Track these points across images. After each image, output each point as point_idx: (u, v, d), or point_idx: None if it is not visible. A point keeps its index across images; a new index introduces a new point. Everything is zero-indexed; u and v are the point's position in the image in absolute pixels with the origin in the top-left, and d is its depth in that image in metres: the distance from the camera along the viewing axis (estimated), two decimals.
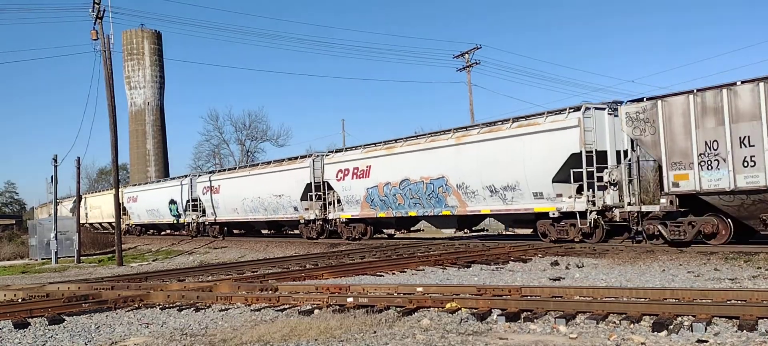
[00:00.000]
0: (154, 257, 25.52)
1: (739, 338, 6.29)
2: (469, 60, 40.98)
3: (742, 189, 13.74)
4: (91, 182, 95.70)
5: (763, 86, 13.31)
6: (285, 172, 28.52)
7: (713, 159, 14.18)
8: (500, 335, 6.93)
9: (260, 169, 31.04)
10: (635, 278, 11.02)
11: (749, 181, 13.62)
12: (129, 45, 78.75)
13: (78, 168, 26.43)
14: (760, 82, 13.40)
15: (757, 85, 13.48)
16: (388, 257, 16.49)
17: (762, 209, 13.80)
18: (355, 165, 24.72)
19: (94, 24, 23.64)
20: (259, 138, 69.12)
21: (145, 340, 7.68)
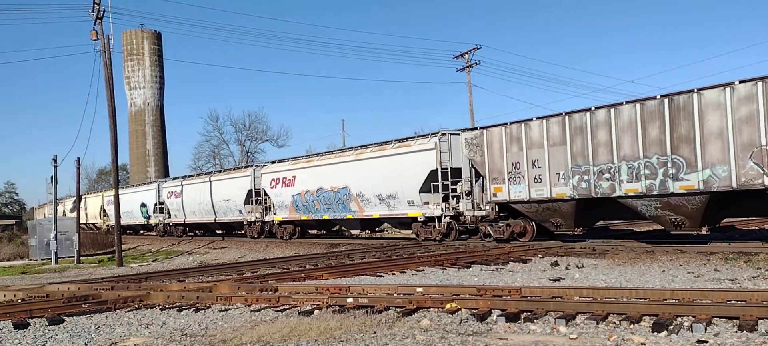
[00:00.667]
0: (153, 258, 25.52)
1: (739, 338, 6.29)
2: (468, 60, 41.00)
3: (534, 199, 18.35)
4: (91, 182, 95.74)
5: (545, 122, 17.97)
6: (232, 180, 33.06)
7: (517, 176, 18.79)
8: (500, 336, 6.92)
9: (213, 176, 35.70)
10: (635, 279, 11.02)
11: (538, 193, 18.19)
12: (129, 45, 78.74)
13: (78, 168, 26.44)
14: (544, 119, 18.08)
15: (542, 122, 18.11)
16: (388, 258, 16.49)
17: (549, 214, 18.33)
18: (284, 175, 28.85)
19: (94, 24, 23.65)
20: (259, 138, 69.16)
21: (145, 340, 7.67)
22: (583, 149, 17.04)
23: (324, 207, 26.42)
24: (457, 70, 41.76)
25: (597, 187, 16.71)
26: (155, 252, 29.18)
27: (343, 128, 68.51)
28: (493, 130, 19.54)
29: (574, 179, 17.24)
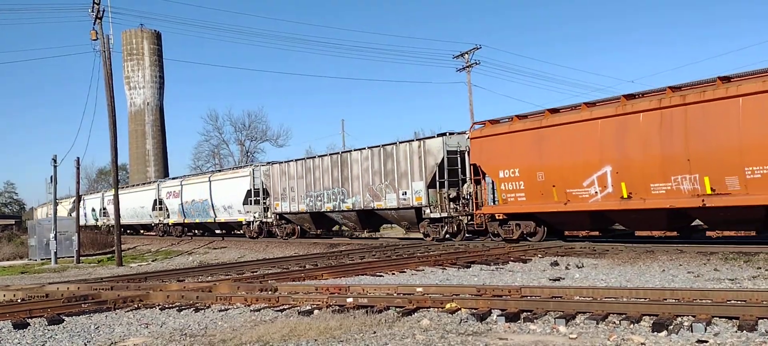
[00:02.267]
0: (153, 258, 25.51)
1: (739, 338, 6.28)
2: (468, 60, 40.98)
3: (293, 212, 28.93)
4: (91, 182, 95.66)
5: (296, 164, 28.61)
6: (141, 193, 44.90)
7: (285, 196, 29.33)
8: (500, 336, 6.92)
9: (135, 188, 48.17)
10: (635, 279, 11.01)
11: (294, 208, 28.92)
12: (128, 45, 78.74)
13: (77, 168, 26.42)
14: (295, 162, 28.79)
15: (295, 163, 28.86)
16: (387, 258, 16.48)
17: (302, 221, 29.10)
18: (174, 189, 39.43)
19: (93, 24, 23.65)
20: (259, 138, 69.18)
21: (145, 340, 7.67)
22: (311, 182, 27.37)
23: (197, 213, 36.87)
24: (457, 70, 41.76)
25: (317, 206, 27.04)
26: (155, 252, 29.17)
27: (342, 128, 68.53)
28: (274, 167, 30.10)
29: (308, 200, 27.59)
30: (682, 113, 14.71)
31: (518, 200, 18.39)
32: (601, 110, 16.53)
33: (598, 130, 16.38)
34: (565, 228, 18.54)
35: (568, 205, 17.08)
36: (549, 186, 17.51)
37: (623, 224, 17.51)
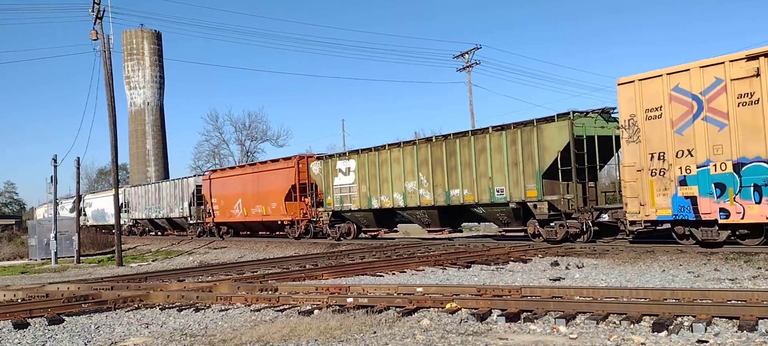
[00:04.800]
0: (153, 258, 25.51)
1: (739, 338, 6.28)
2: (468, 60, 40.99)
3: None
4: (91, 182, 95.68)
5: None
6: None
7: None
8: (500, 336, 6.92)
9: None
10: (635, 279, 11.02)
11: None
12: (129, 45, 78.76)
13: (78, 168, 26.42)
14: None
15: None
16: (388, 258, 16.48)
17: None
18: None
19: (93, 24, 23.65)
20: (259, 138, 69.24)
21: (145, 340, 7.67)
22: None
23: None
24: (457, 70, 41.76)
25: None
26: (155, 252, 29.18)
27: (343, 128, 68.75)
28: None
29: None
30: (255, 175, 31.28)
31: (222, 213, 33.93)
32: (242, 170, 33.60)
33: (241, 181, 32.33)
34: (240, 229, 34.36)
35: (230, 218, 33.14)
36: (230, 205, 33.14)
37: (247, 229, 33.74)
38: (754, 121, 13.22)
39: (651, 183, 14.96)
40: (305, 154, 29.45)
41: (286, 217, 28.70)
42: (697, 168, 14.17)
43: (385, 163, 23.51)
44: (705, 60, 14.12)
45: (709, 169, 14.00)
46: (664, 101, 14.70)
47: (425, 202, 21.87)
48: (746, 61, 13.32)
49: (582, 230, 17.54)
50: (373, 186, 23.93)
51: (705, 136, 14.05)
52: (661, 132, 14.78)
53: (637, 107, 15.17)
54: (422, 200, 21.96)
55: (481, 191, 19.88)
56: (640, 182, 15.14)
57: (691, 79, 14.26)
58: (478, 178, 19.91)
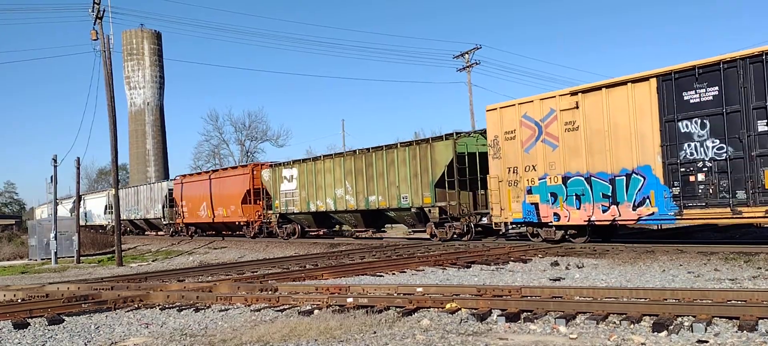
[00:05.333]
0: (153, 258, 25.51)
1: (739, 338, 6.28)
2: (469, 60, 40.98)
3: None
4: (91, 182, 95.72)
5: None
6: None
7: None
8: (500, 336, 6.92)
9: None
10: (635, 279, 11.01)
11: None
12: (129, 45, 78.74)
13: (78, 168, 26.41)
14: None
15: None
16: (388, 258, 16.48)
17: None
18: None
19: (93, 24, 23.65)
20: (259, 138, 69.21)
21: (145, 340, 7.67)
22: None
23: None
24: (458, 70, 41.76)
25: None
26: (155, 252, 29.17)
27: (343, 128, 68.73)
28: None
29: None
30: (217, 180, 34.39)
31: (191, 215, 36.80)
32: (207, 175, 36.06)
33: (206, 186, 35.12)
34: (206, 229, 36.83)
35: (197, 219, 36.11)
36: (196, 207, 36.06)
37: (212, 229, 36.21)
38: (575, 143, 16.51)
39: (508, 192, 18.25)
40: (259, 163, 33.91)
41: (243, 218, 31.87)
42: (538, 180, 17.44)
43: (320, 173, 26.66)
44: (543, 94, 17.46)
45: (547, 181, 17.25)
46: (516, 126, 17.93)
47: (350, 206, 25.10)
48: (570, 96, 16.61)
49: (465, 230, 20.97)
50: (311, 192, 27.09)
51: (543, 154, 17.25)
52: (514, 150, 18.00)
53: (499, 130, 18.35)
54: (348, 204, 25.19)
55: (391, 198, 23.14)
56: (501, 191, 18.41)
57: (534, 109, 17.45)
58: (389, 186, 23.20)
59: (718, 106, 13.98)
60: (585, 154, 16.33)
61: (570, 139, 16.59)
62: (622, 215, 15.77)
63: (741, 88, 13.65)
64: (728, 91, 13.83)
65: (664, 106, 14.78)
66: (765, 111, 13.30)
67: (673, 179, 14.74)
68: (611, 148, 15.85)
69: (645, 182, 15.24)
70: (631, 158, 15.47)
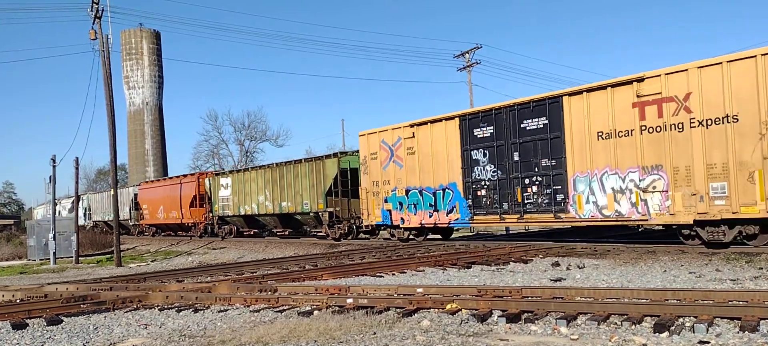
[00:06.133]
0: (152, 258, 25.46)
1: (740, 339, 6.25)
2: (469, 60, 40.95)
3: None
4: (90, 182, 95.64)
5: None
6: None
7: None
8: (501, 337, 6.88)
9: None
10: (637, 279, 10.98)
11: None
12: (127, 45, 78.64)
13: (76, 168, 26.36)
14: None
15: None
16: (387, 258, 16.44)
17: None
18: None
19: (92, 24, 23.60)
20: (259, 138, 69.15)
21: (144, 341, 7.63)
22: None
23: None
24: (458, 69, 41.72)
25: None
26: (154, 252, 29.13)
27: (342, 128, 68.87)
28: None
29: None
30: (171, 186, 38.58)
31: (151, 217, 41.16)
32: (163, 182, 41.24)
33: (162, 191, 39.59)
34: (164, 229, 40.59)
35: (156, 220, 40.27)
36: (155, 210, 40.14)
37: (168, 229, 40.06)
38: (414, 164, 21.25)
39: (373, 200, 23.04)
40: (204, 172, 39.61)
41: (191, 220, 36.55)
42: (391, 192, 22.17)
43: (247, 182, 31.49)
44: (394, 125, 21.97)
45: (396, 193, 21.99)
46: (378, 149, 22.68)
47: (269, 211, 29.83)
48: (410, 127, 21.32)
49: (348, 230, 25.72)
50: (241, 198, 31.98)
51: (394, 172, 22.05)
52: (376, 168, 22.74)
53: (367, 151, 23.18)
54: (267, 209, 29.93)
55: (297, 204, 27.88)
56: (368, 200, 23.20)
57: (388, 136, 22.19)
58: (295, 195, 27.93)
59: (492, 141, 18.74)
60: (419, 172, 21.01)
61: (410, 160, 21.32)
62: (440, 220, 20.53)
63: (505, 128, 18.35)
64: (498, 130, 18.58)
65: (464, 139, 19.57)
66: (517, 145, 18.09)
67: (468, 193, 19.54)
68: (434, 169, 20.52)
69: (453, 195, 20.02)
70: (446, 177, 20.19)
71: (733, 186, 13.77)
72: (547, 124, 17.28)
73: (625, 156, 15.62)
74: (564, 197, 16.98)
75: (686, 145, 14.48)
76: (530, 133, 17.71)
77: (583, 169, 16.51)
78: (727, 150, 13.84)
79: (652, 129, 15.07)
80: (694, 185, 14.37)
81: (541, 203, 17.56)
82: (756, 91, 13.42)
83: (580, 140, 16.52)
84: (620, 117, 15.64)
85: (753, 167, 13.51)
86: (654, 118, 15.01)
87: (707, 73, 14.13)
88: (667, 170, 14.82)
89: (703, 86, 14.17)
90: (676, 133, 14.66)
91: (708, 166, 14.15)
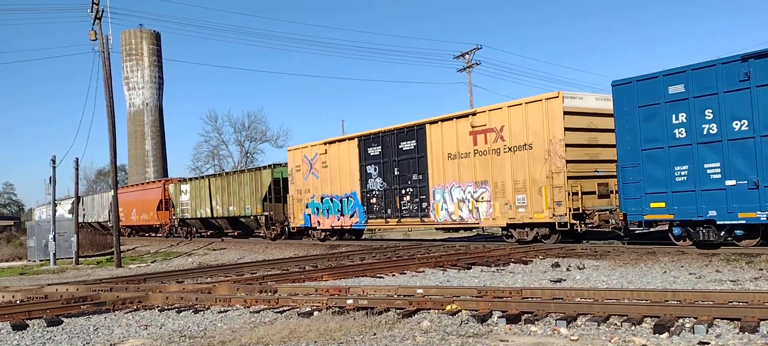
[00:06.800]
0: (152, 259, 25.46)
1: (740, 339, 6.26)
2: (469, 60, 40.93)
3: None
4: (90, 183, 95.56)
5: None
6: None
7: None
8: (501, 337, 6.89)
9: None
10: (637, 280, 10.98)
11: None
12: (127, 45, 78.60)
13: (76, 169, 26.35)
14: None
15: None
16: (388, 259, 16.44)
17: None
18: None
19: (92, 24, 23.61)
20: (259, 139, 68.99)
21: (144, 342, 7.64)
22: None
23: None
24: (458, 70, 41.70)
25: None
26: (154, 253, 29.13)
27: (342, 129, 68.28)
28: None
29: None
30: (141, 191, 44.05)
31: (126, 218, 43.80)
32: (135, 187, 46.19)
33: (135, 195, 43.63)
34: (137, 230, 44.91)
35: (130, 222, 43.90)
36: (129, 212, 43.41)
37: (141, 230, 44.56)
38: (327, 176, 25.40)
39: (297, 206, 27.26)
40: (169, 179, 43.45)
41: (158, 221, 40.42)
42: (311, 199, 26.37)
43: (203, 188, 35.44)
44: (313, 142, 26.31)
45: (314, 200, 26.19)
46: (301, 162, 26.95)
47: (220, 214, 33.92)
48: (324, 145, 25.46)
49: (281, 231, 29.31)
50: (198, 203, 36.01)
51: (313, 182, 26.26)
52: (300, 178, 27.02)
53: (293, 164, 27.45)
54: (218, 213, 34.01)
55: (241, 208, 31.87)
56: (294, 206, 27.53)
57: (309, 152, 26.50)
58: (239, 200, 32.01)
59: (380, 158, 22.91)
60: (330, 183, 25.15)
61: (324, 173, 25.43)
62: (344, 223, 24.60)
63: (389, 148, 22.51)
64: (384, 149, 22.76)
65: (361, 156, 23.67)
66: (397, 162, 22.21)
67: (364, 200, 23.67)
68: (341, 180, 24.59)
69: (354, 202, 24.07)
70: (349, 187, 24.23)
71: (529, 198, 17.93)
72: (416, 146, 21.51)
73: (465, 173, 19.79)
74: (427, 205, 21.18)
75: (502, 166, 18.66)
76: (405, 153, 21.95)
77: (440, 182, 20.70)
78: (526, 170, 17.95)
79: (481, 152, 19.30)
80: (506, 196, 18.60)
81: (412, 209, 21.76)
82: (542, 126, 17.36)
83: (438, 159, 20.69)
84: (462, 142, 19.83)
85: (541, 183, 17.53)
86: (482, 144, 19.23)
87: (514, 110, 18.21)
88: (491, 185, 19.04)
89: (512, 121, 18.26)
90: (495, 156, 18.87)
91: (514, 182, 18.34)
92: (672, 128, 14.31)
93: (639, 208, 14.97)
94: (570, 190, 16.78)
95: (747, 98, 13.15)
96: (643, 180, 14.86)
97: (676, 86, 14.30)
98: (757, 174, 13.07)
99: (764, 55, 12.99)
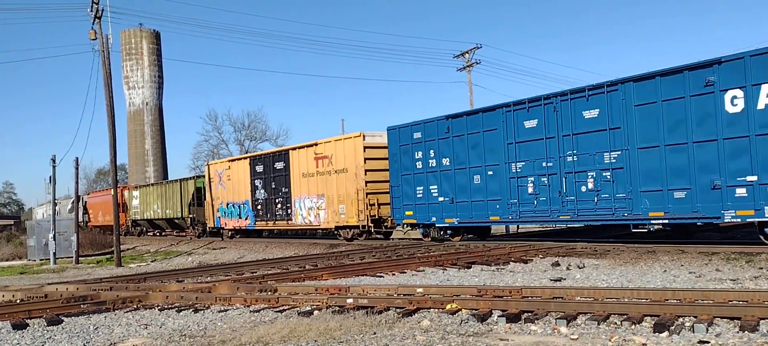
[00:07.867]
0: (152, 258, 25.47)
1: (740, 338, 6.26)
2: (469, 60, 40.90)
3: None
4: (90, 182, 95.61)
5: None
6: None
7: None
8: (501, 336, 6.89)
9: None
10: (637, 279, 10.98)
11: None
12: (127, 45, 78.54)
13: (76, 168, 26.36)
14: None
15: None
16: (388, 258, 16.44)
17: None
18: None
19: (92, 24, 23.60)
20: (258, 138, 69.05)
21: (144, 341, 7.63)
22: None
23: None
24: (458, 69, 41.67)
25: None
26: (154, 252, 29.13)
27: (342, 128, 68.40)
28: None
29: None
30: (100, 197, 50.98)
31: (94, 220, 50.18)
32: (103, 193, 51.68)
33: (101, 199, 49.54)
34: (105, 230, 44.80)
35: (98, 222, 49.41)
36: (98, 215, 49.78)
37: (108, 230, 42.36)
38: (231, 187, 31.59)
39: (211, 210, 33.46)
40: (125, 185, 52.15)
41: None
42: (220, 204, 32.66)
43: (148, 194, 42.02)
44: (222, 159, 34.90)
45: (223, 206, 32.42)
46: (214, 175, 33.31)
47: (159, 216, 40.36)
48: (229, 162, 32.48)
49: (202, 231, 35.41)
50: (145, 206, 42.43)
51: (222, 191, 32.44)
52: (214, 188, 33.01)
53: (209, 176, 33.74)
54: (158, 215, 40.43)
55: (175, 211, 38.16)
56: (209, 210, 33.65)
57: (219, 167, 32.92)
58: (173, 205, 38.44)
59: (263, 175, 28.88)
60: (232, 192, 31.33)
61: (229, 184, 31.61)
62: (241, 225, 30.77)
63: (267, 167, 28.62)
64: (265, 168, 28.73)
65: (252, 172, 29.71)
66: (272, 178, 28.54)
67: (254, 207, 29.67)
68: (239, 191, 30.73)
69: (247, 208, 30.16)
70: (244, 196, 30.40)
71: (347, 207, 23.95)
72: (284, 166, 27.49)
73: (312, 188, 25.90)
74: (291, 211, 27.36)
75: (332, 183, 24.73)
76: (278, 171, 27.93)
77: (298, 194, 26.82)
78: (345, 187, 23.98)
79: (320, 173, 25.39)
80: (334, 206, 24.63)
81: (283, 214, 27.81)
82: (353, 156, 23.54)
83: (297, 177, 26.83)
84: (310, 165, 25.98)
85: (353, 198, 23.53)
86: (321, 167, 25.33)
87: (338, 143, 24.46)
88: (326, 197, 25.12)
89: (337, 151, 24.57)
90: (328, 176, 24.94)
91: (339, 195, 24.34)
92: (415, 161, 21.07)
93: (401, 215, 21.77)
94: (368, 202, 23.06)
95: (449, 144, 19.92)
96: (402, 196, 21.58)
97: (417, 133, 20.93)
98: (455, 194, 19.72)
99: (460, 116, 19.76)
